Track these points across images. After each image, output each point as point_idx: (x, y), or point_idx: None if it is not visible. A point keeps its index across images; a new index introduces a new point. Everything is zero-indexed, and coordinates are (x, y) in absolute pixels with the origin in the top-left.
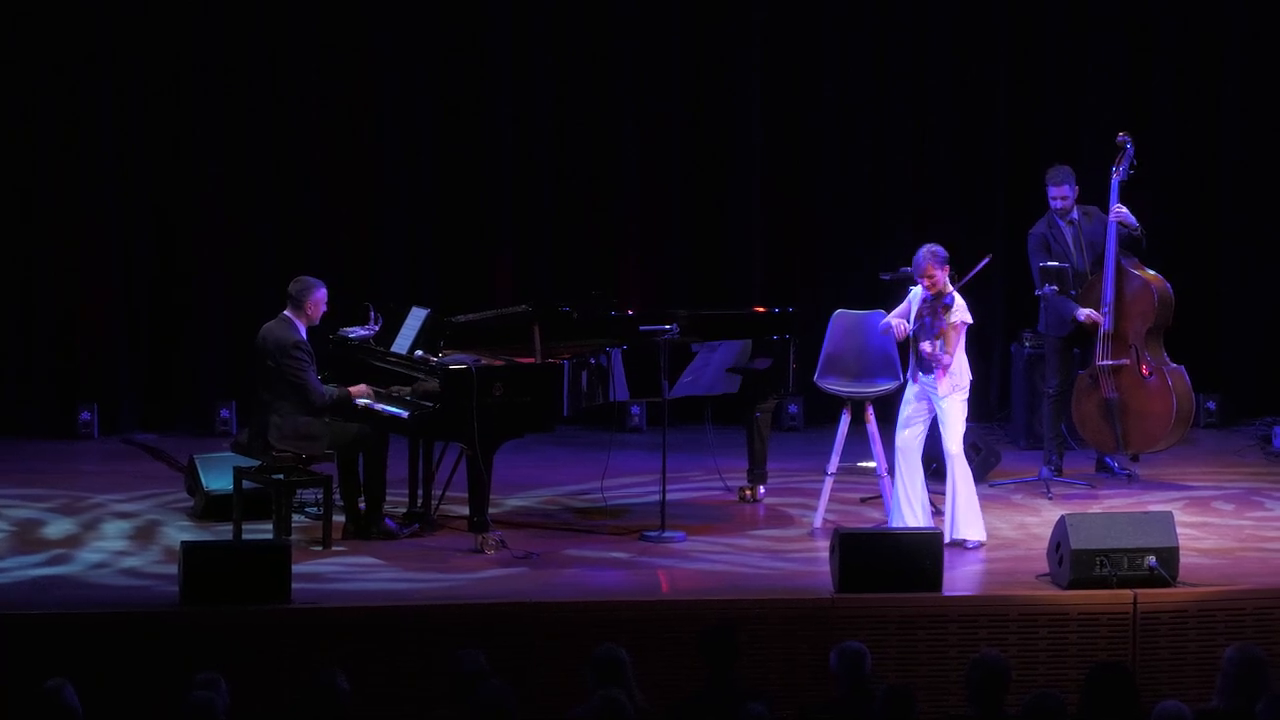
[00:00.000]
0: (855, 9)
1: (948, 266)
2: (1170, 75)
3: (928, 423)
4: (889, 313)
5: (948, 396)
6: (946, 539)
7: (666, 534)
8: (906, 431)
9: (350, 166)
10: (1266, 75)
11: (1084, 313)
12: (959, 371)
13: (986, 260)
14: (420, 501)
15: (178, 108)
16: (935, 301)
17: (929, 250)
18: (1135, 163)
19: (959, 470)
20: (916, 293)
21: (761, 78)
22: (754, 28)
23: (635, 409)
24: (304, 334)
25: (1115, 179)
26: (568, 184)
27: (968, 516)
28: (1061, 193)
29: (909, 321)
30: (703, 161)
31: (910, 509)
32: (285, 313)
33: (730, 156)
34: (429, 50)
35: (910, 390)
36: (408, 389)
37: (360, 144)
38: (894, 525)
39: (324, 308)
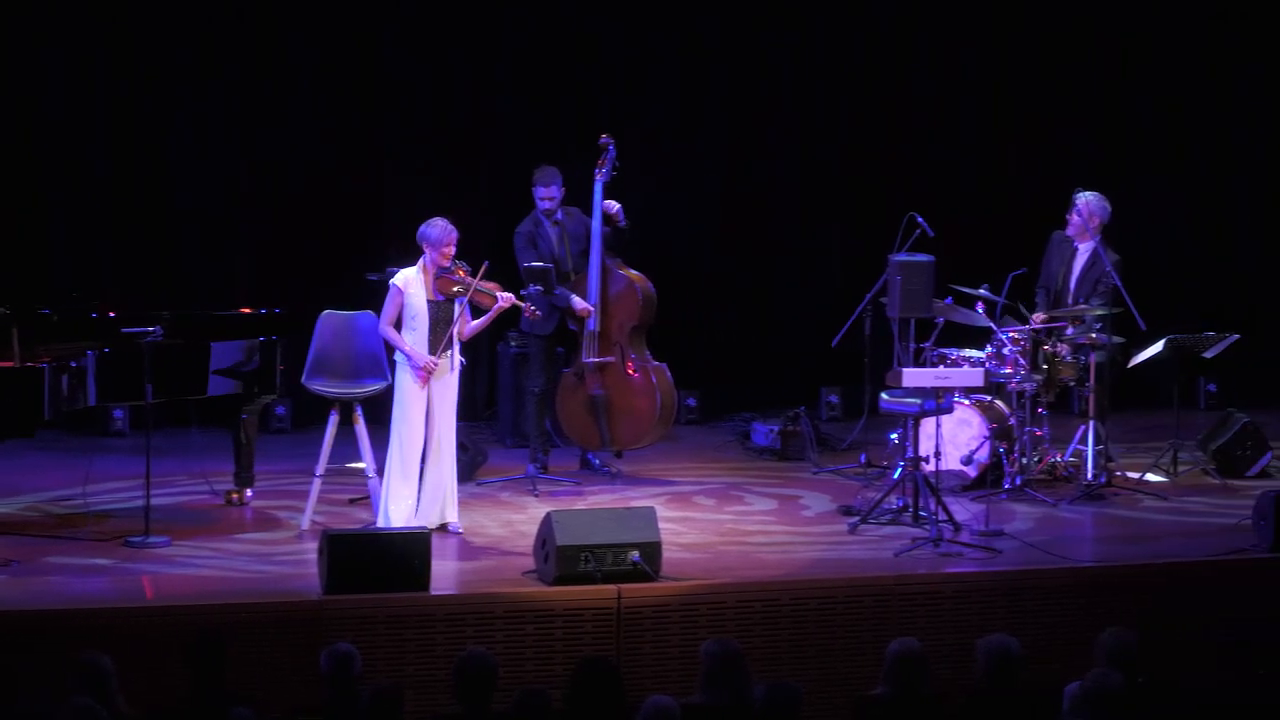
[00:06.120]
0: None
1: None
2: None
3: None
4: (378, 313)
5: (458, 370)
6: (433, 524)
7: (151, 539)
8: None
9: None
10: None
11: (580, 303)
12: None
13: (486, 265)
14: None
15: None
16: (451, 273)
17: (449, 224)
18: (618, 165)
19: (453, 452)
20: (409, 275)
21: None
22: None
23: (118, 412)
24: None
25: (599, 180)
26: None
27: (454, 499)
28: (549, 193)
29: (415, 313)
30: (202, 163)
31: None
32: None
33: (230, 157)
34: None
35: (412, 383)
36: None
37: None
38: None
39: None
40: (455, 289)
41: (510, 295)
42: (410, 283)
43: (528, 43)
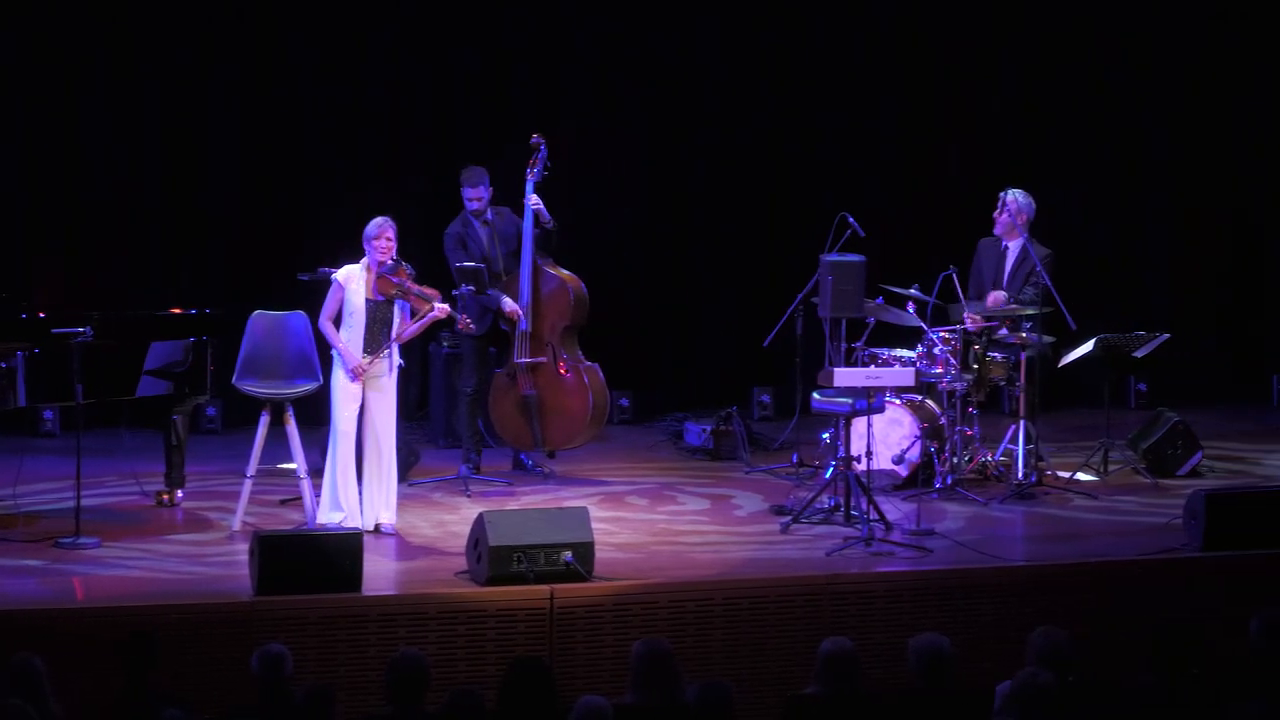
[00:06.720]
0: None
1: None
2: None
3: None
4: (314, 314)
5: (395, 371)
6: (370, 524)
7: (81, 540)
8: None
9: None
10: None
11: (509, 305)
12: None
13: (438, 294)
14: None
15: None
16: (392, 274)
17: (387, 220)
18: (549, 165)
19: (393, 453)
20: (352, 271)
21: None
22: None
23: (48, 413)
24: None
25: (530, 179)
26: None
27: (391, 500)
28: (477, 194)
29: (353, 310)
30: (173, 162)
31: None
32: None
33: (200, 158)
34: None
35: (345, 379)
36: None
37: None
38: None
39: None
40: (393, 291)
41: (446, 306)
42: (351, 279)
43: (476, 43)
